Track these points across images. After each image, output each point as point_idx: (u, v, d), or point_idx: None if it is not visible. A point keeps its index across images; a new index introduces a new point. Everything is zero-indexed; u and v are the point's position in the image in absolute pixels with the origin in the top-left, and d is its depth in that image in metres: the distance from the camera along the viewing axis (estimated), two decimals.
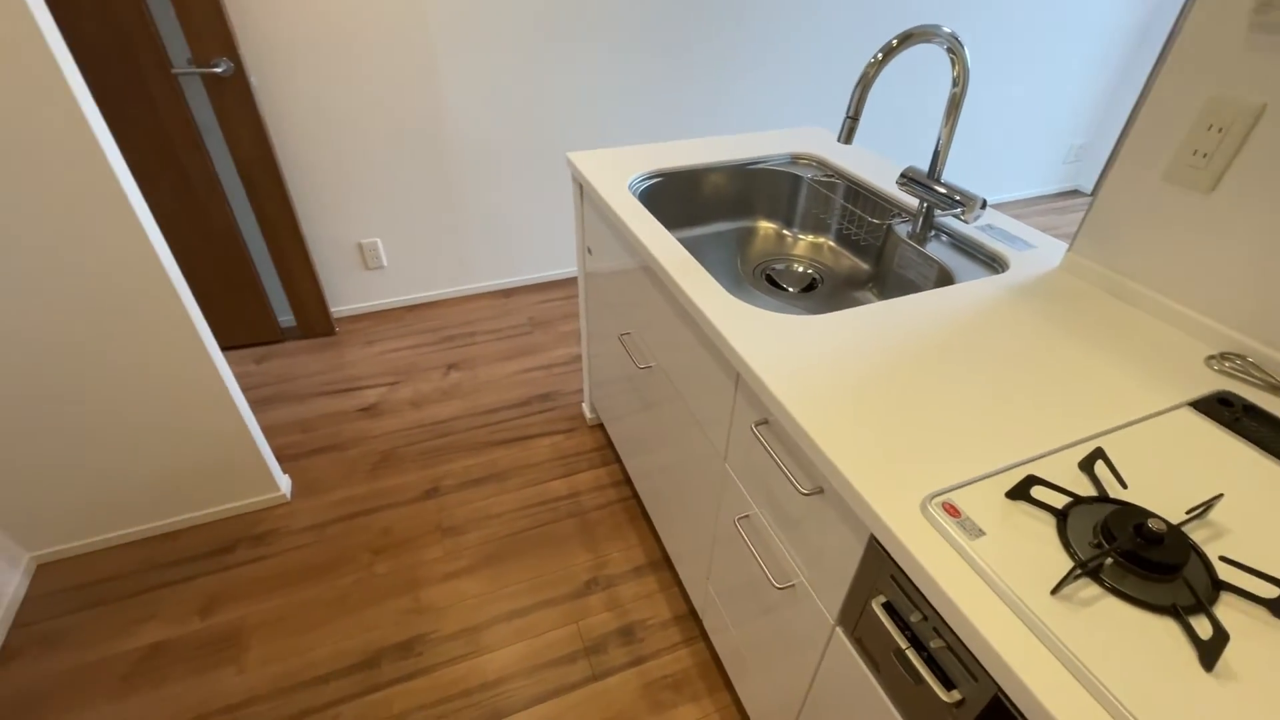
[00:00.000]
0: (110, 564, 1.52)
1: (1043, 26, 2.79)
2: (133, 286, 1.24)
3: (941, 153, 1.08)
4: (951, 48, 0.97)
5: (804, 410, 0.73)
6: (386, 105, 2.04)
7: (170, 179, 1.87)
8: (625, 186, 1.33)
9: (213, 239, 2.00)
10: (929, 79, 2.76)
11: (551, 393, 2.06)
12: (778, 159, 1.50)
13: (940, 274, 1.10)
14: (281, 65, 1.88)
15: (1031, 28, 2.78)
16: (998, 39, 2.75)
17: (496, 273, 2.55)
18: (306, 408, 1.99)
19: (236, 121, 1.85)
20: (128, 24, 1.63)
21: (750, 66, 2.43)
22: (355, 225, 2.23)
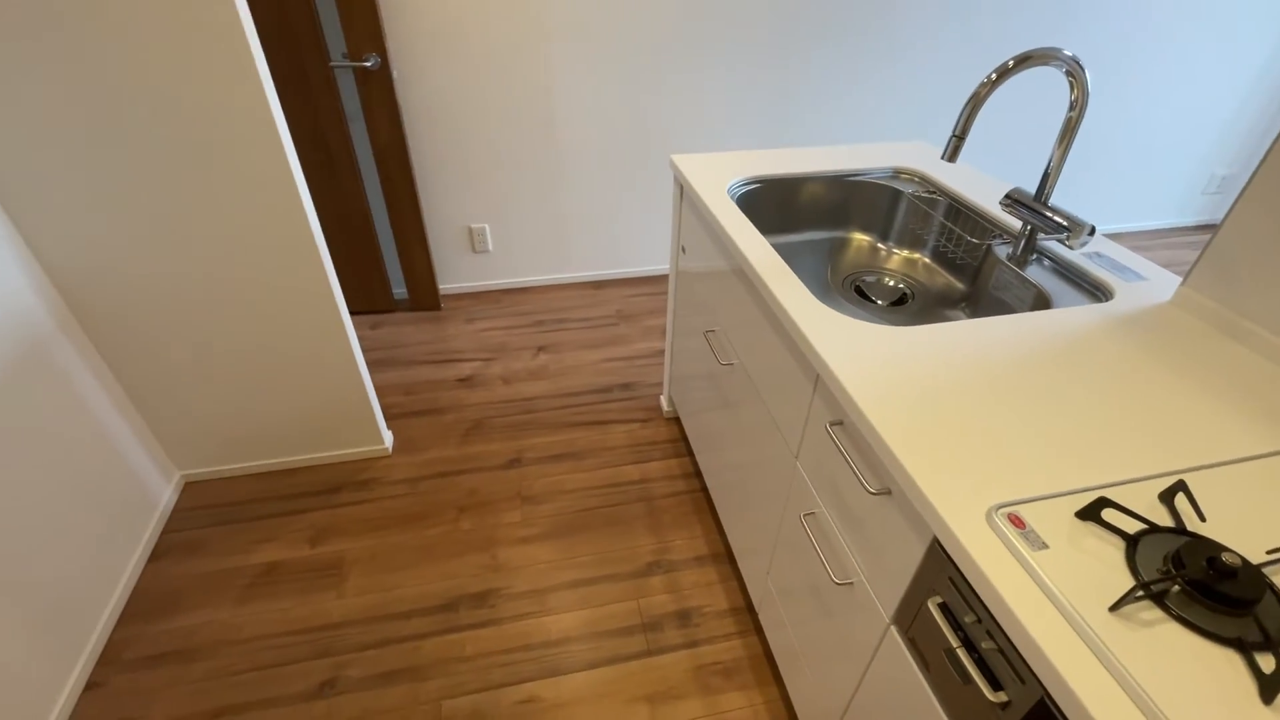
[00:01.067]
0: (241, 490, 1.74)
1: (1196, 42, 2.58)
2: (288, 250, 1.43)
3: (1051, 175, 1.07)
4: (1071, 71, 0.96)
5: (880, 414, 0.76)
6: (506, 101, 2.19)
7: (317, 159, 2.10)
8: (724, 190, 1.38)
9: (346, 215, 2.24)
10: (1043, 98, 2.63)
11: (632, 383, 2.15)
12: (879, 172, 1.51)
13: (1038, 298, 1.09)
14: (418, 61, 2.07)
15: (1183, 44, 2.58)
16: (1137, 55, 2.58)
17: (590, 265, 2.68)
18: (410, 373, 2.19)
19: (378, 111, 2.06)
20: (297, 20, 1.85)
21: (860, 79, 2.41)
22: (468, 211, 2.42)
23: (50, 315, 1.35)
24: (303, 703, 1.29)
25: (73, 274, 1.36)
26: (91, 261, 1.35)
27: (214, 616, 1.44)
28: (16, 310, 1.26)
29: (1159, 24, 2.51)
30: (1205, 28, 2.55)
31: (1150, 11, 2.47)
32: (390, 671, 1.34)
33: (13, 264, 1.26)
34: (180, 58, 1.17)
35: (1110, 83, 2.64)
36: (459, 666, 1.35)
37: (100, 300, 1.40)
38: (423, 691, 1.31)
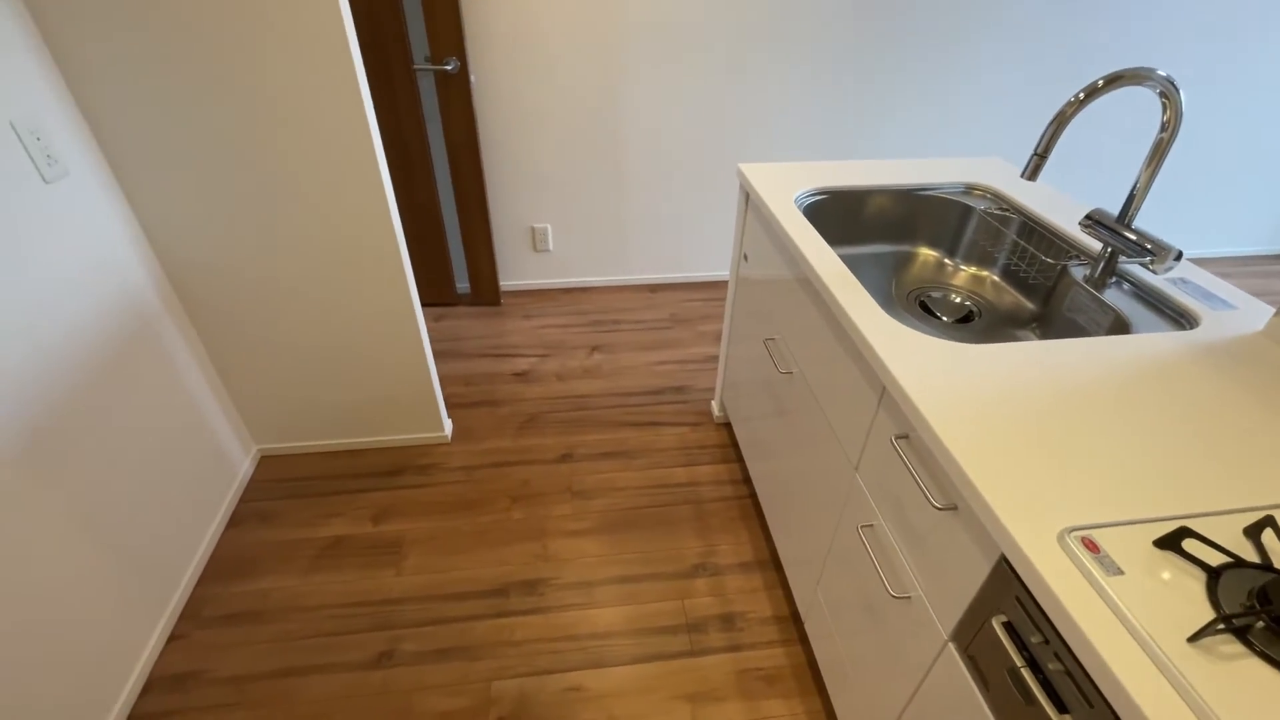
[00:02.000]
0: (311, 466, 1.84)
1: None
2: (371, 245, 1.52)
3: (1137, 197, 1.04)
4: (1165, 92, 0.94)
5: (949, 429, 0.76)
6: (574, 106, 2.25)
7: (394, 155, 2.21)
8: (791, 200, 1.40)
9: (418, 209, 2.34)
10: (1127, 116, 2.52)
11: (684, 386, 2.17)
12: (950, 187, 1.49)
13: (1115, 322, 1.06)
14: (494, 66, 2.15)
15: (1273, 65, 2.44)
16: (1224, 75, 2.46)
17: (647, 268, 2.71)
18: (470, 365, 2.26)
19: (454, 112, 2.14)
20: (387, 25, 1.96)
21: (931, 94, 2.38)
22: (532, 211, 2.49)
23: (158, 296, 1.46)
24: (361, 671, 1.36)
25: (180, 260, 1.47)
26: (197, 249, 1.46)
27: (283, 583, 1.53)
28: (131, 290, 1.37)
29: (1246, 43, 2.38)
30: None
31: (1236, 31, 2.35)
32: (443, 649, 1.40)
33: (130, 251, 1.38)
34: (291, 65, 1.26)
35: (1195, 102, 2.52)
36: (508, 650, 1.40)
37: (201, 284, 1.52)
38: (473, 671, 1.36)
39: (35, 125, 1.14)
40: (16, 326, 1.09)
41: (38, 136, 1.15)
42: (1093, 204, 1.27)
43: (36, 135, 1.14)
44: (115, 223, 1.34)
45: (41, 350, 1.14)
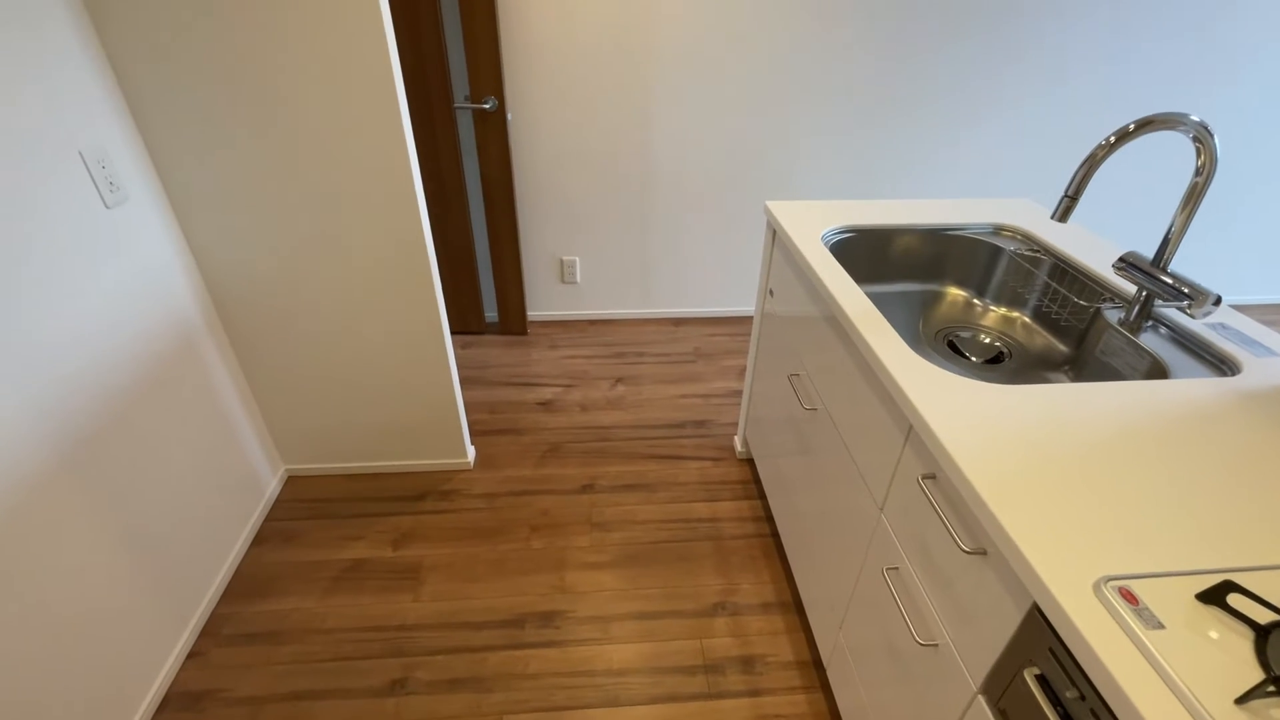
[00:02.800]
0: (336, 488, 1.87)
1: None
2: (407, 273, 1.56)
3: (1172, 241, 1.03)
4: (1198, 137, 0.93)
5: (978, 470, 0.75)
6: (605, 143, 2.32)
7: (432, 188, 2.29)
8: (818, 238, 1.41)
9: (450, 240, 2.40)
10: (1162, 159, 2.50)
11: (706, 421, 2.16)
12: (979, 227, 1.49)
13: (1153, 367, 1.03)
14: (531, 104, 2.23)
15: None
16: (1263, 118, 2.43)
17: (672, 302, 2.73)
18: (495, 393, 2.29)
19: (490, 148, 2.22)
20: (430, 63, 2.05)
21: (957, 136, 2.39)
22: (561, 243, 2.54)
23: (201, 317, 1.52)
24: (374, 698, 1.35)
25: (223, 283, 1.54)
26: (240, 274, 1.52)
27: (302, 604, 1.54)
28: (177, 310, 1.43)
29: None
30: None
31: (1273, 74, 2.33)
32: (457, 679, 1.39)
33: (179, 273, 1.45)
34: (342, 104, 1.33)
35: (1234, 146, 2.49)
36: (522, 683, 1.38)
37: (242, 307, 1.57)
38: (486, 703, 1.34)
39: (101, 154, 1.22)
40: (72, 342, 1.15)
41: (103, 164, 1.22)
42: (1124, 245, 1.25)
43: (102, 163, 1.22)
44: (167, 247, 1.41)
45: (93, 365, 1.19)
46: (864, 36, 2.18)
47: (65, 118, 1.15)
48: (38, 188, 1.09)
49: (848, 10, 2.13)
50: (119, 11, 1.21)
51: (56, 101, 1.13)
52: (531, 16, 2.08)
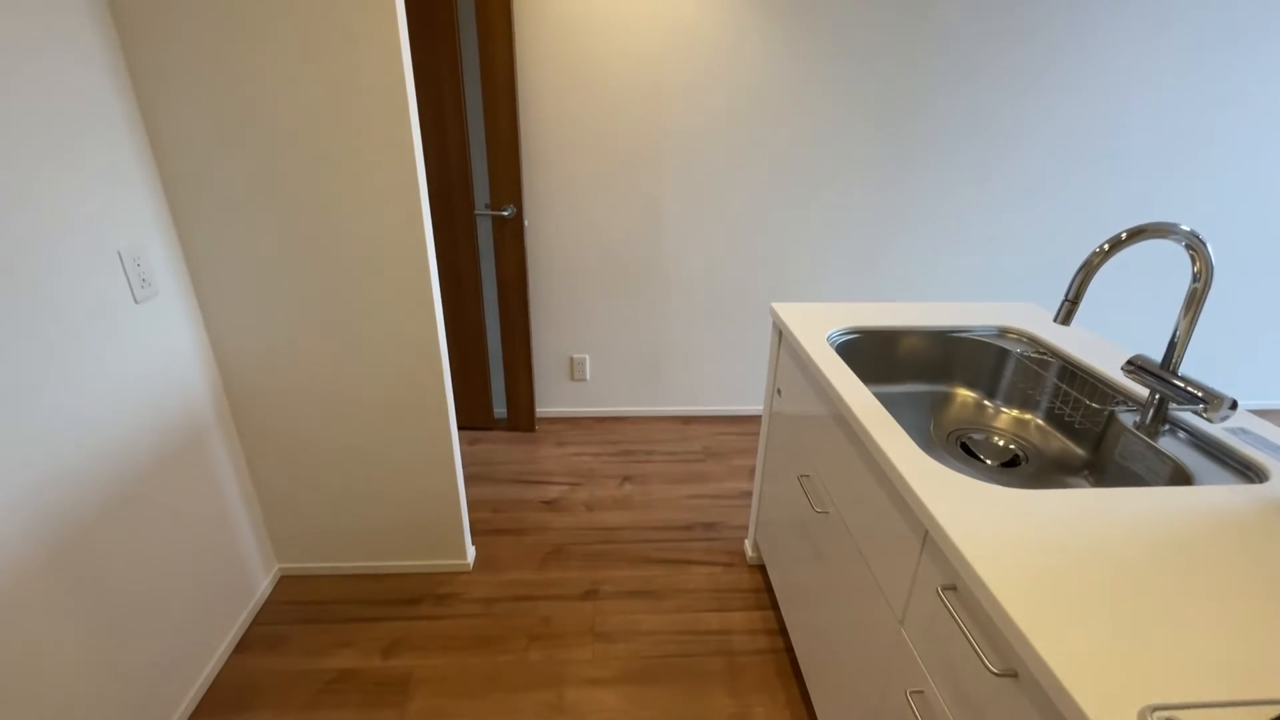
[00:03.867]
0: (329, 590, 1.79)
1: None
2: (419, 372, 1.59)
3: (1179, 345, 1.03)
4: (1191, 245, 0.96)
5: (1002, 582, 0.70)
6: (616, 246, 2.42)
7: (449, 288, 2.37)
8: (824, 338, 1.42)
9: (465, 338, 2.46)
10: (1161, 257, 2.56)
11: (716, 523, 2.09)
12: (984, 330, 1.50)
13: (1175, 472, 1.00)
14: (548, 211, 2.36)
15: None
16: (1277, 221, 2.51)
17: (681, 400, 2.74)
18: (500, 491, 2.25)
19: (507, 252, 2.33)
20: (456, 175, 2.20)
21: (960, 239, 2.49)
22: (572, 341, 2.59)
23: (213, 409, 1.54)
24: None
25: (239, 376, 1.57)
26: (257, 368, 1.56)
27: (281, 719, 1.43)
28: (190, 402, 1.45)
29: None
30: None
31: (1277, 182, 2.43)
32: None
33: (196, 365, 1.48)
34: (371, 212, 1.42)
35: (1253, 248, 2.55)
36: None
37: (254, 400, 1.59)
38: None
39: (139, 253, 1.29)
40: (80, 435, 1.15)
41: (138, 262, 1.29)
42: (1129, 343, 1.25)
43: (137, 261, 1.28)
44: (188, 339, 1.45)
45: (98, 457, 1.19)
46: (864, 149, 2.33)
47: (112, 224, 1.23)
48: (71, 284, 1.14)
49: (850, 123, 2.29)
50: (173, 128, 1.32)
51: (107, 210, 1.21)
52: (550, 132, 2.26)
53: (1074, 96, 2.27)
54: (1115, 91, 2.27)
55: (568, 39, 2.13)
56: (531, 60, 2.16)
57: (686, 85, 2.20)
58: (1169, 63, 2.24)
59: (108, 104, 1.22)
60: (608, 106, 2.22)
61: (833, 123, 2.28)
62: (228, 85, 1.30)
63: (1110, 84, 2.26)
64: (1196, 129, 2.34)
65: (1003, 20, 2.16)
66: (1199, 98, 2.29)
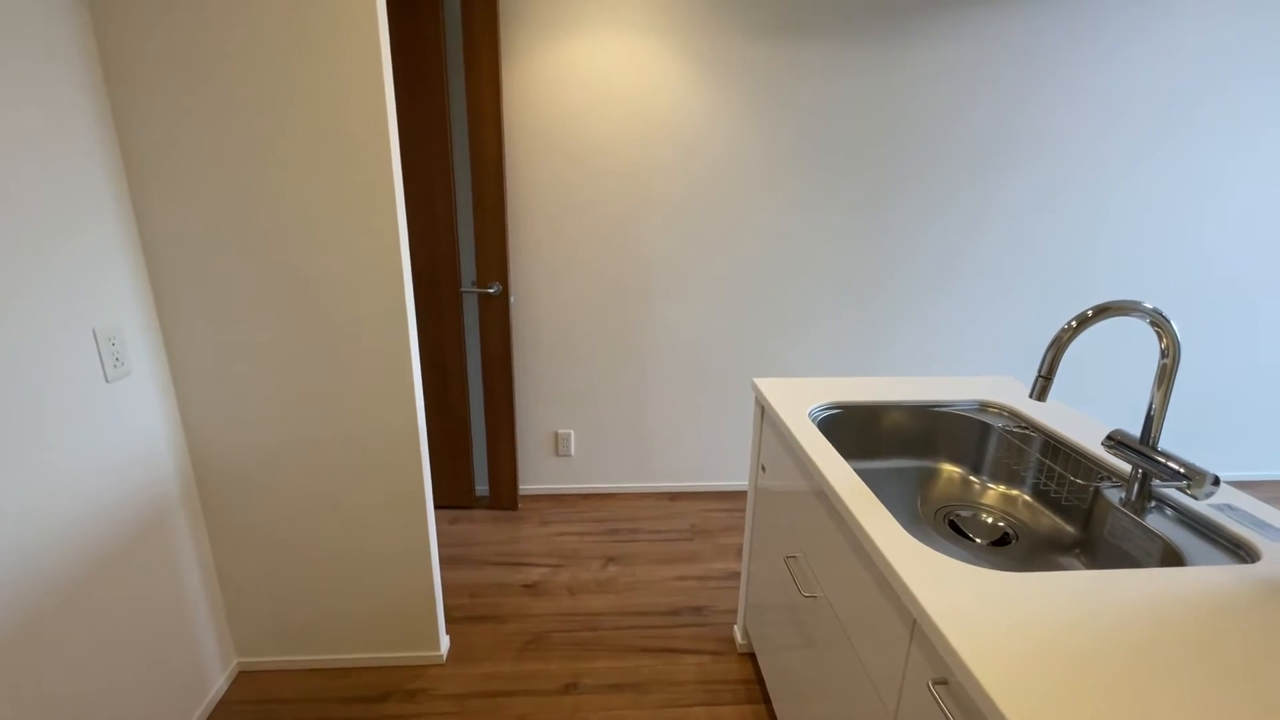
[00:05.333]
0: (290, 687, 1.67)
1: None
2: (395, 452, 1.56)
3: (1155, 419, 1.03)
4: (1156, 323, 0.98)
5: (995, 675, 0.66)
6: (601, 322, 2.45)
7: (433, 365, 2.37)
8: (805, 414, 1.42)
9: (447, 414, 2.43)
10: (1137, 330, 2.62)
11: (704, 607, 2.00)
12: (964, 404, 1.51)
13: (1166, 551, 0.97)
14: (533, 287, 2.40)
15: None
16: (1255, 295, 2.58)
17: (667, 475, 2.69)
18: (479, 574, 2.15)
19: (492, 328, 2.35)
20: (443, 254, 2.24)
21: (939, 315, 2.54)
22: (556, 417, 2.57)
23: (180, 490, 1.48)
24: None
25: (209, 457, 1.52)
26: (229, 448, 1.52)
27: None
28: (157, 483, 1.40)
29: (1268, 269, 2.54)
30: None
31: (1268, 253, 2.53)
32: None
33: (166, 446, 1.44)
34: (354, 294, 1.43)
35: (1230, 320, 2.61)
36: None
37: (223, 481, 1.54)
38: None
39: (114, 332, 1.28)
40: (40, 517, 1.10)
41: (113, 341, 1.27)
42: (1109, 417, 1.25)
43: (112, 340, 1.27)
44: (159, 421, 1.42)
45: (57, 541, 1.13)
46: (843, 227, 2.41)
47: (89, 300, 1.22)
48: (42, 361, 1.12)
49: (830, 198, 2.38)
50: (162, 210, 1.35)
51: (85, 285, 1.21)
52: (537, 211, 2.33)
53: (1046, 175, 2.39)
54: (1086, 173, 2.39)
55: (553, 123, 2.24)
56: (519, 142, 2.25)
57: (665, 167, 2.30)
58: (1129, 145, 2.38)
59: (95, 183, 1.25)
60: (592, 185, 2.31)
61: (812, 198, 2.37)
62: (220, 174, 1.34)
63: (1076, 163, 2.38)
64: (1175, 208, 2.46)
65: (976, 106, 2.30)
66: (1162, 176, 2.42)
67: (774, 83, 2.23)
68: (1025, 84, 2.28)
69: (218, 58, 1.27)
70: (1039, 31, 2.23)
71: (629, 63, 2.19)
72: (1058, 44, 2.25)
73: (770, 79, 2.23)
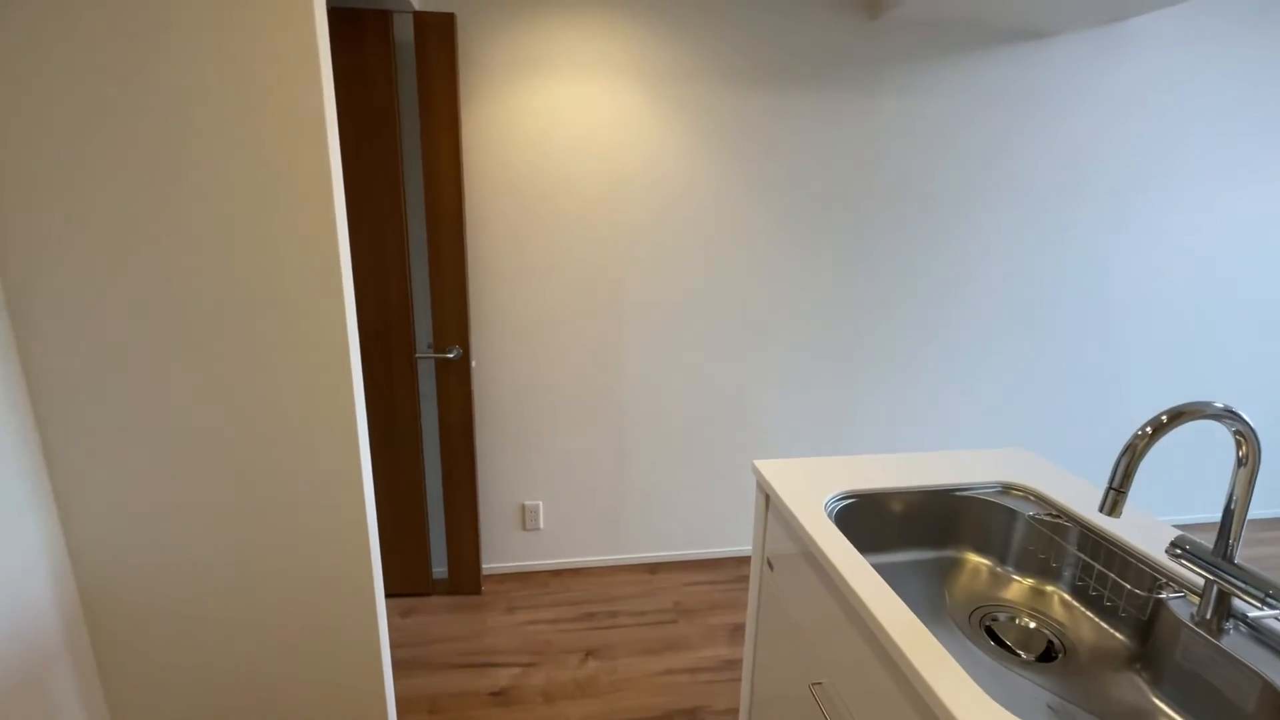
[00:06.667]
0: None
1: None
2: (337, 552, 1.31)
3: (1234, 527, 0.91)
4: (1239, 431, 0.87)
5: None
6: (572, 384, 2.26)
7: (383, 438, 2.12)
8: (821, 509, 1.26)
9: (399, 492, 2.17)
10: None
11: (698, 708, 1.80)
12: (985, 487, 1.38)
13: (1265, 694, 0.84)
14: (496, 349, 2.19)
15: None
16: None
17: (645, 545, 2.49)
18: (439, 680, 1.88)
19: (451, 395, 2.12)
20: (395, 318, 2.01)
21: (934, 380, 2.46)
22: (523, 487, 2.34)
23: (62, 627, 1.19)
24: None
25: (102, 575, 1.24)
26: (127, 562, 1.24)
27: None
28: (34, 618, 1.11)
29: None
30: None
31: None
32: None
33: (45, 577, 1.16)
34: (294, 376, 1.20)
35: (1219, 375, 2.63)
36: None
37: (119, 605, 1.26)
38: None
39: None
40: None
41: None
42: (1148, 496, 1.14)
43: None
44: (37, 550, 1.14)
45: None
46: (825, 280, 2.31)
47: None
48: None
49: (807, 255, 2.28)
50: (42, 305, 1.09)
51: None
52: (500, 270, 2.14)
53: (1030, 219, 2.37)
54: (1070, 217, 2.38)
55: (519, 171, 2.07)
56: (481, 191, 2.07)
57: (640, 218, 2.16)
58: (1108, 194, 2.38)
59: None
60: (562, 238, 2.14)
61: (794, 249, 2.27)
62: (110, 250, 1.10)
63: (1059, 207, 2.37)
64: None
65: (960, 180, 2.26)
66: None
67: (754, 131, 2.13)
68: (1002, 127, 2.26)
69: (107, 108, 1.05)
70: (1014, 78, 2.22)
71: (603, 109, 2.05)
72: (1032, 88, 2.24)
73: (750, 126, 2.13)
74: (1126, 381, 2.59)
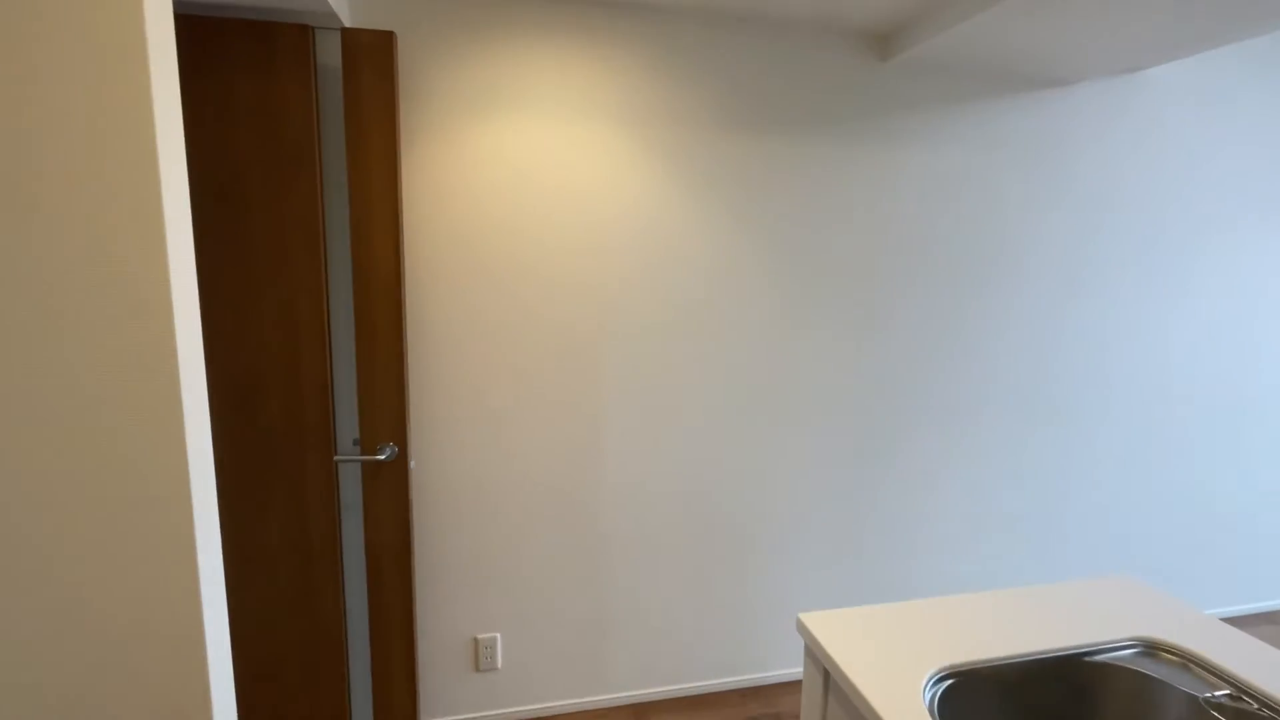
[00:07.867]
0: None
1: None
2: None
3: None
4: None
5: None
6: (542, 488, 1.83)
7: (291, 564, 1.61)
8: (918, 694, 0.86)
9: (312, 635, 1.65)
10: None
11: None
12: (1120, 646, 1.02)
13: None
14: (441, 446, 1.76)
15: None
16: None
17: (630, 681, 2.00)
18: None
19: (383, 505, 1.65)
20: (309, 409, 1.56)
21: (953, 475, 2.14)
22: (475, 619, 1.85)
23: None
24: None
25: None
26: None
27: None
28: None
29: None
30: None
31: None
32: None
33: None
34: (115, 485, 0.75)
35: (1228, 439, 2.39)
36: None
37: None
38: None
39: None
40: None
41: None
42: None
43: None
44: None
45: None
46: (833, 350, 1.99)
47: None
48: None
49: (813, 322, 1.95)
50: None
51: None
52: (450, 343, 1.73)
53: (1049, 284, 2.12)
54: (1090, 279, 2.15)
55: (475, 226, 1.70)
56: (425, 250, 1.68)
57: (621, 284, 1.80)
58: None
59: None
60: (528, 307, 1.76)
61: (798, 317, 1.94)
62: None
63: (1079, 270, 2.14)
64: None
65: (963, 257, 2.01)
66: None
67: (751, 180, 1.84)
68: (1029, 184, 2.04)
69: None
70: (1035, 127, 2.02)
71: (580, 151, 1.72)
72: (1048, 138, 2.04)
73: (746, 175, 1.83)
74: (1181, 457, 2.33)
